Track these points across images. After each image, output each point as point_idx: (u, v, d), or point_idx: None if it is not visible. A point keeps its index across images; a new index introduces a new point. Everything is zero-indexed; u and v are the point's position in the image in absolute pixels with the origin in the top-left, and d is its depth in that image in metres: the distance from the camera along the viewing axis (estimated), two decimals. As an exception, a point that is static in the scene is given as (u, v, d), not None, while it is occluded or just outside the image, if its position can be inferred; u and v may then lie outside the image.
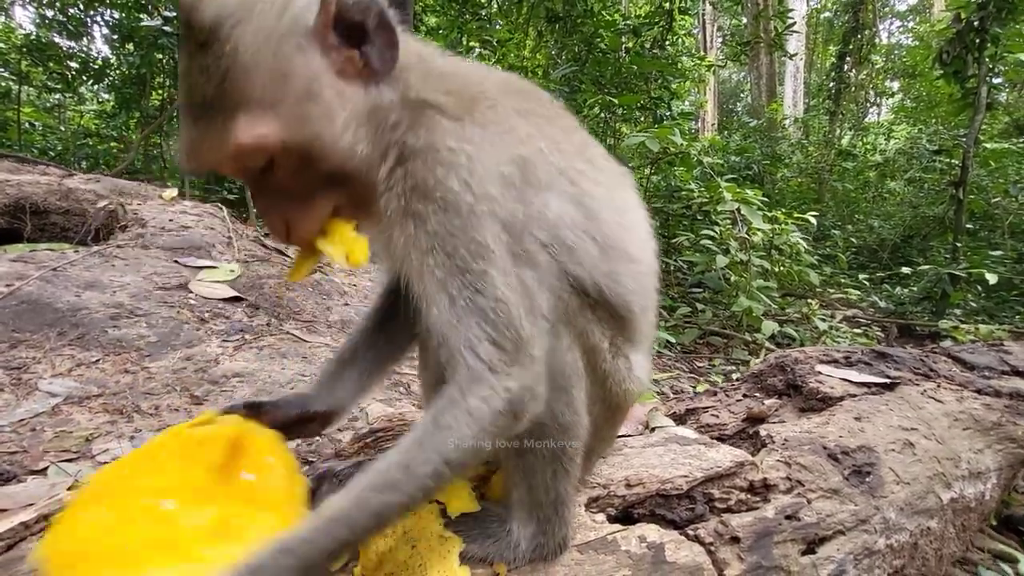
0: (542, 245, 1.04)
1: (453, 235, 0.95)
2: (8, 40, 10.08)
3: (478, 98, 1.08)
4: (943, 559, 1.82)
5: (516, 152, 1.05)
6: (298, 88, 0.93)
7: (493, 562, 1.11)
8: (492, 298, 0.95)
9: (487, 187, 0.98)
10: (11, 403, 2.13)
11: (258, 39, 0.91)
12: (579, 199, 1.11)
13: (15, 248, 3.36)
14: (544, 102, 1.25)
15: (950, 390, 2.28)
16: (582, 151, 1.20)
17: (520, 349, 0.96)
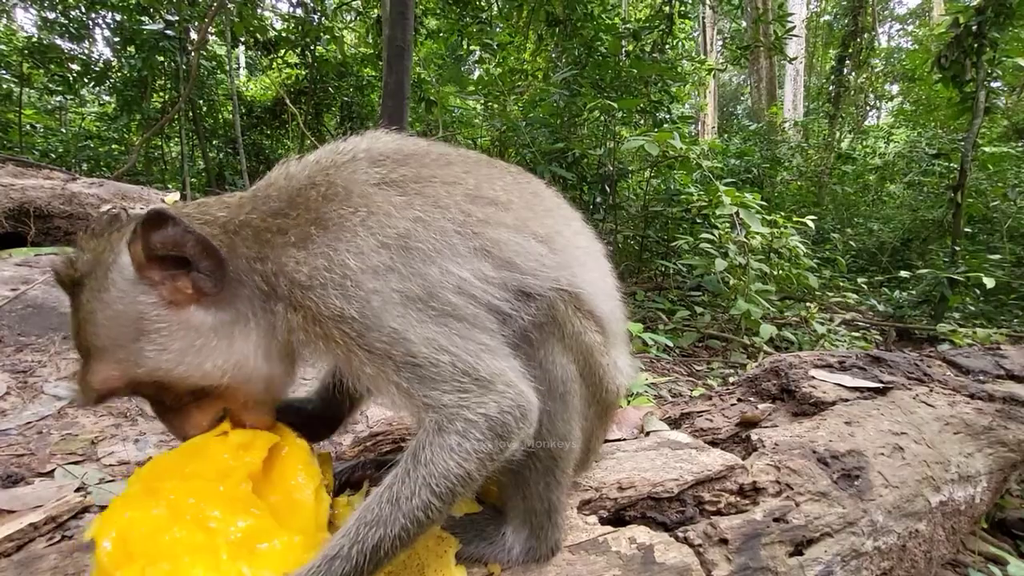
0: (456, 304, 1.04)
1: (362, 336, 0.99)
2: (10, 42, 10.14)
3: (326, 199, 1.08)
4: (932, 561, 1.85)
5: (385, 234, 1.04)
6: (126, 331, 1.01)
7: (488, 562, 1.15)
8: (429, 365, 0.98)
9: (366, 285, 1.00)
10: (17, 406, 2.17)
11: (94, 291, 1.01)
12: (485, 248, 1.10)
13: (20, 252, 3.41)
14: (423, 157, 1.21)
15: (943, 394, 2.31)
16: (477, 196, 1.16)
17: (485, 384, 1.00)
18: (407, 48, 6.03)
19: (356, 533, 0.94)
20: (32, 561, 1.12)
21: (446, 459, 0.96)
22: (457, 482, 0.97)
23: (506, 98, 10.15)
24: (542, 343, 1.11)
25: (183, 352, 1.02)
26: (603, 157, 8.28)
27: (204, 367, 1.03)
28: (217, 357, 1.04)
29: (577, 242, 1.28)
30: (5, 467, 1.81)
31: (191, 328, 1.03)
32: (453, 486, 0.96)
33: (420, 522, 0.95)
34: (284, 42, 10.32)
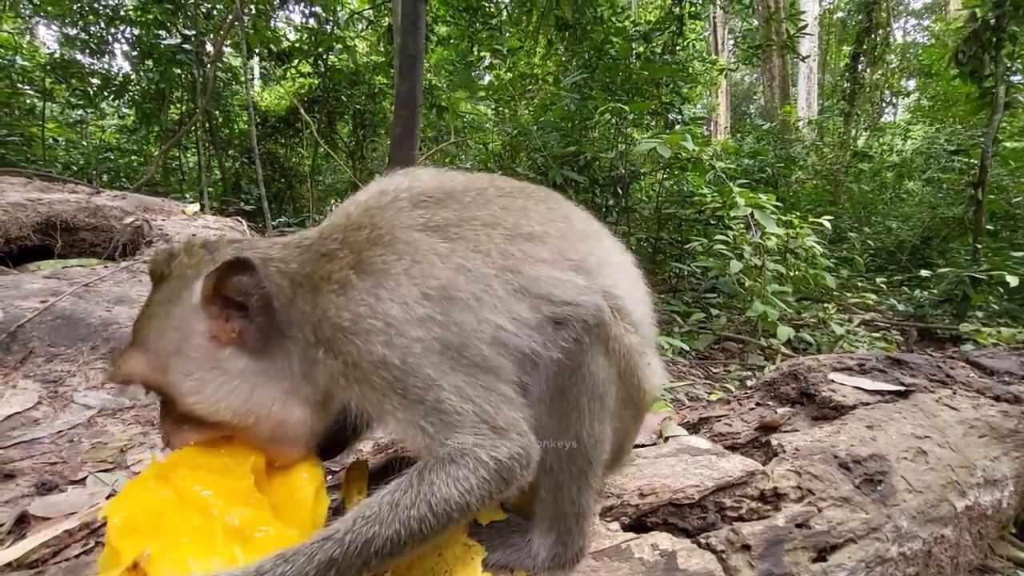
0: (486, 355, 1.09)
1: (399, 381, 1.04)
2: (33, 58, 10.41)
3: (369, 244, 1.14)
4: (959, 567, 1.83)
5: (429, 285, 1.09)
6: (171, 342, 1.10)
7: (514, 569, 1.17)
8: (454, 413, 1.04)
9: (408, 334, 1.05)
10: (49, 415, 2.24)
11: (168, 295, 1.12)
12: (524, 288, 1.14)
13: (48, 265, 3.51)
14: (461, 197, 1.25)
15: (966, 397, 2.27)
16: (515, 235, 1.20)
17: (500, 432, 1.06)
18: (419, 56, 6.09)
19: (352, 523, 0.98)
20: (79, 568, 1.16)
21: (450, 487, 1.01)
22: (455, 508, 1.01)
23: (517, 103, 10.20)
24: (591, 347, 1.15)
25: (203, 383, 1.09)
26: (615, 160, 8.27)
27: (217, 404, 1.09)
28: (233, 399, 1.10)
29: (610, 258, 1.34)
30: (39, 475, 1.87)
31: (220, 366, 1.10)
32: (451, 511, 1.01)
33: (413, 533, 0.99)
34: (297, 52, 10.48)
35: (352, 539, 0.96)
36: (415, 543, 1.01)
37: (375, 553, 0.97)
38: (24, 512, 1.61)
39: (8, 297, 2.87)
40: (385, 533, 0.97)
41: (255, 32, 9.45)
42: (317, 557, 0.94)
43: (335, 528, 0.98)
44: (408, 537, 0.99)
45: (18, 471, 1.88)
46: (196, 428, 1.14)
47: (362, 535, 0.97)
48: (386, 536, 0.97)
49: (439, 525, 1.01)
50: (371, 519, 0.98)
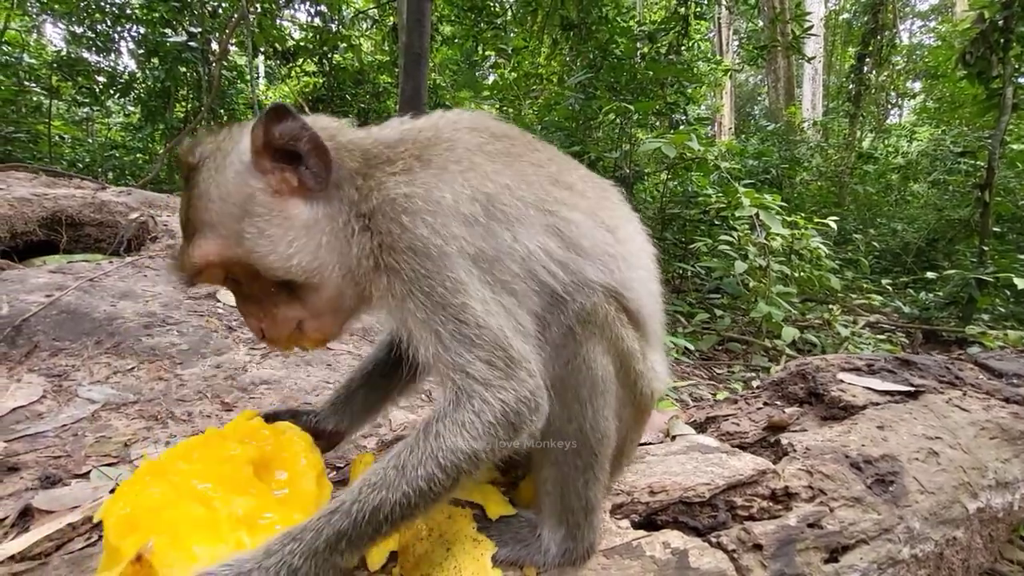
0: (515, 274, 1.10)
1: (428, 277, 1.03)
2: (40, 56, 10.45)
3: (430, 144, 1.17)
4: (970, 570, 1.81)
5: (477, 190, 1.11)
6: (234, 210, 1.08)
7: (523, 565, 1.15)
8: (475, 325, 1.02)
9: (451, 227, 1.05)
10: (53, 409, 2.23)
11: (211, 172, 1.09)
12: (555, 227, 1.17)
13: (53, 259, 3.51)
14: (515, 138, 1.30)
15: (976, 398, 2.25)
16: (557, 180, 1.25)
17: (512, 366, 1.02)
18: (424, 55, 6.08)
19: (359, 492, 0.96)
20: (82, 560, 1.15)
21: (456, 435, 0.98)
22: (463, 459, 0.98)
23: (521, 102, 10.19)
24: (586, 339, 1.14)
25: (277, 240, 1.08)
26: (619, 160, 8.25)
27: (292, 260, 1.08)
28: (306, 254, 1.09)
29: (636, 240, 1.35)
30: (43, 469, 1.86)
31: (288, 219, 1.09)
32: (459, 462, 0.98)
33: (423, 493, 0.96)
34: (302, 51, 10.49)
35: (360, 508, 0.94)
36: (426, 504, 0.99)
37: (385, 519, 0.95)
38: (28, 505, 1.61)
39: (13, 291, 2.86)
40: (393, 498, 0.95)
41: (260, 31, 9.47)
42: (325, 532, 0.93)
43: (341, 500, 0.96)
44: (418, 498, 0.97)
45: (22, 464, 1.88)
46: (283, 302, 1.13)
47: (369, 503, 0.95)
48: (395, 501, 0.95)
49: (449, 480, 0.98)
50: (377, 485, 0.96)
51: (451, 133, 1.20)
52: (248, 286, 1.14)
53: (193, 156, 1.12)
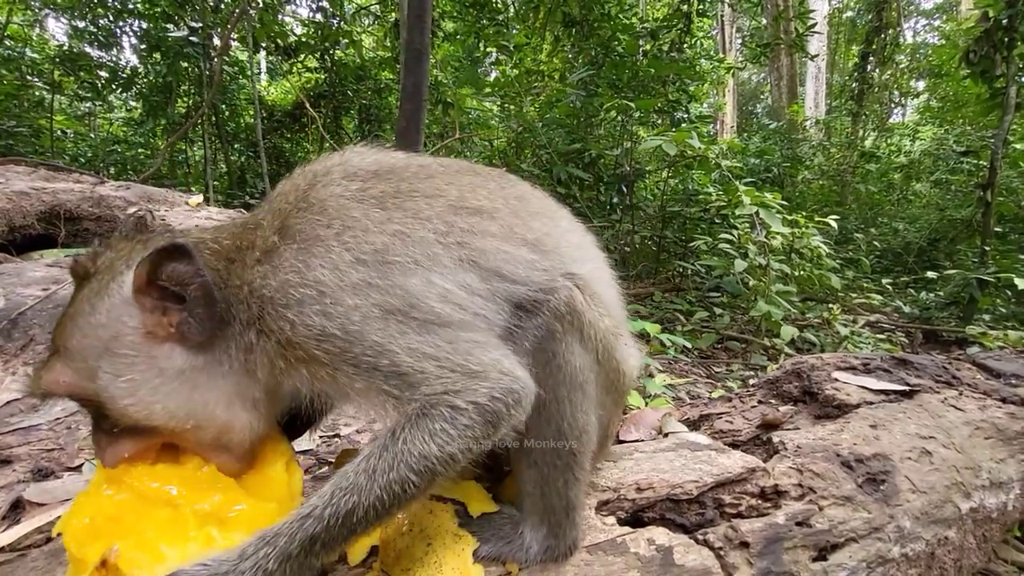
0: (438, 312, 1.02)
1: (346, 351, 0.97)
2: (42, 51, 10.46)
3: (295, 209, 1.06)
4: (963, 570, 1.80)
5: (362, 250, 1.02)
6: (96, 343, 0.98)
7: (505, 562, 1.15)
8: (416, 371, 0.98)
9: (345, 302, 0.98)
10: (47, 403, 2.23)
11: (92, 292, 1.00)
12: (471, 260, 1.09)
13: (51, 253, 3.51)
14: (400, 171, 1.19)
15: (973, 398, 2.24)
16: (460, 207, 1.15)
17: (476, 374, 0.99)
18: (425, 51, 6.07)
19: (331, 497, 0.94)
20: (61, 552, 1.15)
21: (427, 442, 0.95)
22: (438, 463, 0.96)
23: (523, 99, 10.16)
24: (564, 335, 1.11)
25: (138, 386, 0.99)
26: (620, 157, 8.23)
27: (154, 407, 1.00)
28: (171, 401, 1.01)
29: (568, 239, 1.28)
30: (35, 461, 1.86)
31: (157, 366, 1.00)
32: (433, 467, 0.96)
33: (396, 495, 0.95)
34: (304, 47, 10.48)
35: (332, 512, 0.93)
36: (400, 505, 0.97)
37: (358, 522, 0.94)
38: (19, 498, 1.61)
39: (10, 284, 2.87)
40: (366, 502, 0.94)
41: (262, 26, 9.47)
42: (298, 536, 0.92)
43: (313, 504, 0.95)
44: (392, 501, 0.95)
45: (15, 457, 1.88)
46: (132, 437, 1.03)
47: (341, 507, 0.93)
48: (368, 504, 0.94)
49: (423, 483, 0.96)
50: (349, 489, 0.94)
51: (320, 190, 1.09)
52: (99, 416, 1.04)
53: (89, 265, 1.03)
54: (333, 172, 1.15)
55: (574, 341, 1.12)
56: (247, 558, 0.91)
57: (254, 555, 0.91)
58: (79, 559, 0.91)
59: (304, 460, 2.08)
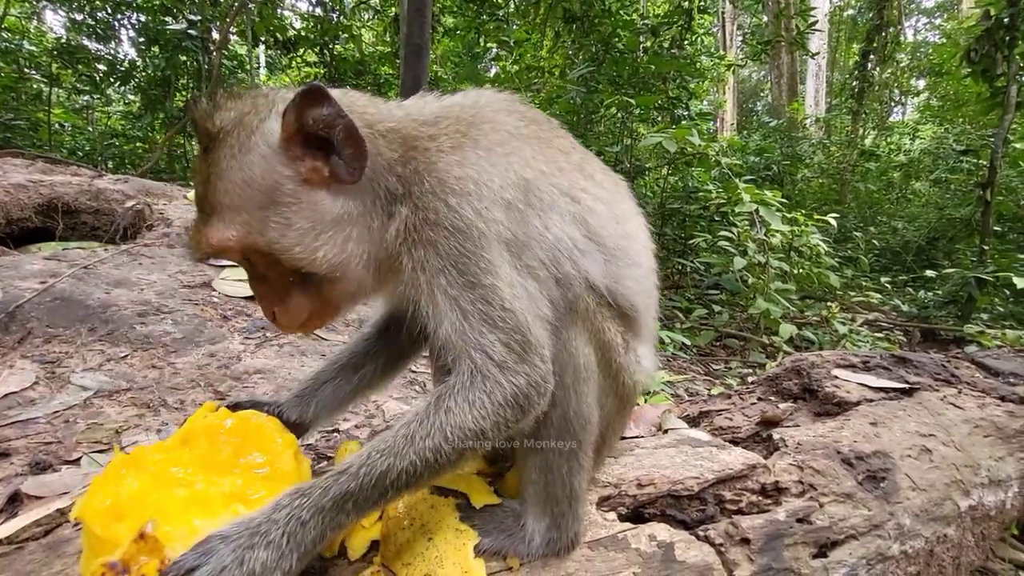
0: (541, 262, 1.12)
1: (465, 255, 1.04)
2: (40, 44, 10.40)
3: (475, 122, 1.17)
4: (961, 567, 1.80)
5: (519, 175, 1.13)
6: (259, 196, 1.03)
7: (507, 556, 1.15)
8: (500, 308, 1.03)
9: (494, 212, 1.07)
10: (46, 396, 2.22)
11: (234, 149, 1.03)
12: (582, 216, 1.20)
13: (48, 246, 3.50)
14: (542, 123, 1.32)
15: (972, 396, 2.24)
16: (582, 168, 1.29)
17: (528, 351, 1.04)
18: (424, 45, 6.04)
19: (368, 457, 0.98)
20: (59, 544, 1.15)
21: (466, 412, 1.00)
22: (470, 435, 1.00)
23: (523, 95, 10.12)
24: (570, 325, 1.15)
25: (304, 233, 1.04)
26: (620, 154, 8.22)
27: (318, 254, 1.05)
28: (332, 248, 1.07)
29: (640, 236, 1.38)
30: (33, 454, 1.86)
31: (317, 211, 1.05)
32: (465, 438, 1.00)
33: (428, 463, 0.98)
34: (303, 41, 10.42)
35: (367, 472, 0.96)
36: (431, 474, 1.01)
37: (391, 485, 0.97)
38: (17, 490, 1.60)
39: (8, 277, 2.85)
40: (400, 465, 0.97)
41: (261, 19, 9.41)
42: (333, 490, 0.94)
43: (350, 462, 0.98)
44: (424, 468, 0.98)
45: (13, 450, 1.87)
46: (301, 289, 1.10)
47: (377, 467, 0.96)
48: (401, 468, 0.97)
49: (454, 454, 1.00)
50: (386, 452, 0.98)
51: (492, 114, 1.20)
52: (264, 270, 1.11)
53: (212, 124, 1.05)
54: (499, 104, 1.27)
55: (579, 336, 1.15)
56: (282, 508, 0.93)
57: (288, 505, 0.93)
58: (102, 538, 0.91)
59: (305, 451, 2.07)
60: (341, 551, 1.10)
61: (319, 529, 0.93)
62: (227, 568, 0.85)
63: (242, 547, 0.88)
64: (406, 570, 1.05)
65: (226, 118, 1.05)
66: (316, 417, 1.43)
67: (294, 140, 1.03)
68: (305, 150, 1.04)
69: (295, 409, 1.41)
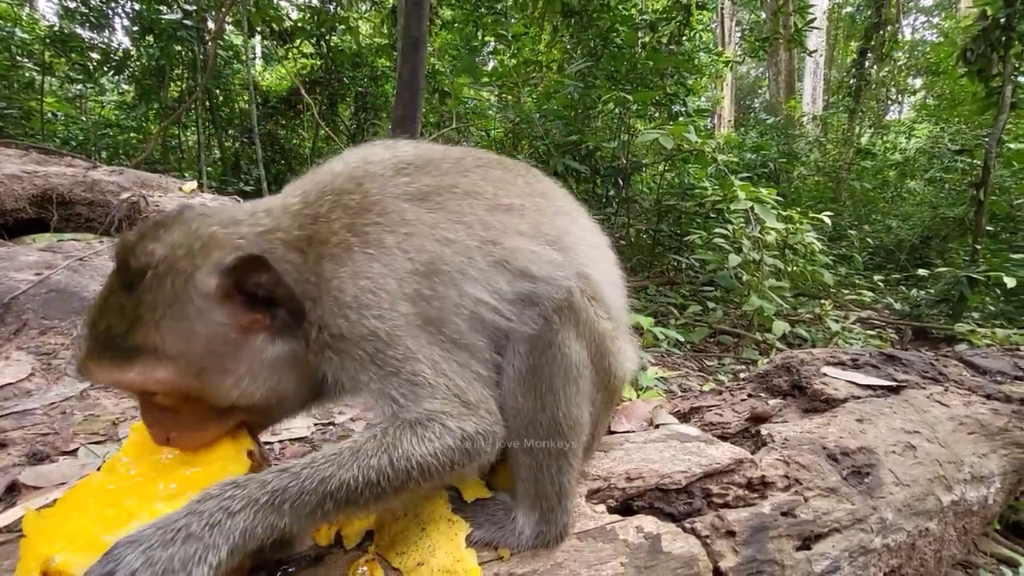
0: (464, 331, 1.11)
1: (379, 352, 1.05)
2: (32, 31, 10.27)
3: (361, 209, 1.13)
4: (943, 561, 1.84)
5: (419, 260, 1.10)
6: (196, 346, 1.01)
7: (498, 546, 1.18)
8: (428, 384, 1.05)
9: (399, 308, 1.07)
10: (42, 387, 2.24)
11: (166, 293, 0.99)
12: (503, 260, 1.16)
13: (43, 238, 3.49)
14: (440, 168, 1.26)
15: (958, 394, 2.28)
16: (496, 204, 1.23)
17: (470, 407, 1.07)
18: (422, 39, 6.02)
19: (311, 460, 0.97)
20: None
21: (415, 445, 1.01)
22: (415, 467, 1.00)
23: (520, 90, 10.11)
24: (561, 327, 1.15)
25: (241, 377, 1.05)
26: (617, 150, 8.23)
27: (256, 395, 1.06)
28: (268, 386, 1.08)
29: (585, 238, 1.34)
30: (31, 445, 1.87)
31: (256, 357, 1.06)
32: (411, 469, 1.00)
33: (370, 483, 0.98)
34: (300, 32, 10.35)
35: (308, 474, 0.95)
36: (372, 496, 0.99)
37: (329, 495, 0.95)
38: (15, 481, 1.62)
39: (3, 269, 2.85)
40: (342, 476, 0.96)
41: (257, 10, 9.34)
42: (271, 484, 0.92)
43: (293, 463, 0.97)
44: (364, 486, 0.97)
45: (9, 441, 1.89)
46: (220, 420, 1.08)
47: (319, 472, 0.95)
48: (342, 479, 0.96)
49: (397, 481, 1.00)
50: (331, 459, 0.97)
51: (378, 187, 1.17)
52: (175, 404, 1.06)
53: (136, 259, 1.00)
54: (385, 164, 1.23)
55: (571, 335, 1.16)
56: (210, 498, 0.90)
57: (218, 496, 0.90)
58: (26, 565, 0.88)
59: (299, 447, 2.10)
60: (337, 540, 1.12)
61: (250, 523, 0.89)
62: (136, 573, 0.80)
63: (153, 547, 0.83)
64: (400, 559, 1.08)
65: (154, 256, 1.00)
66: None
67: (234, 297, 1.03)
68: (245, 306, 1.04)
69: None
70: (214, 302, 1.01)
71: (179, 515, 0.88)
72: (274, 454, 2.04)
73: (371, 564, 1.08)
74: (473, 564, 1.09)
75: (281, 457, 2.02)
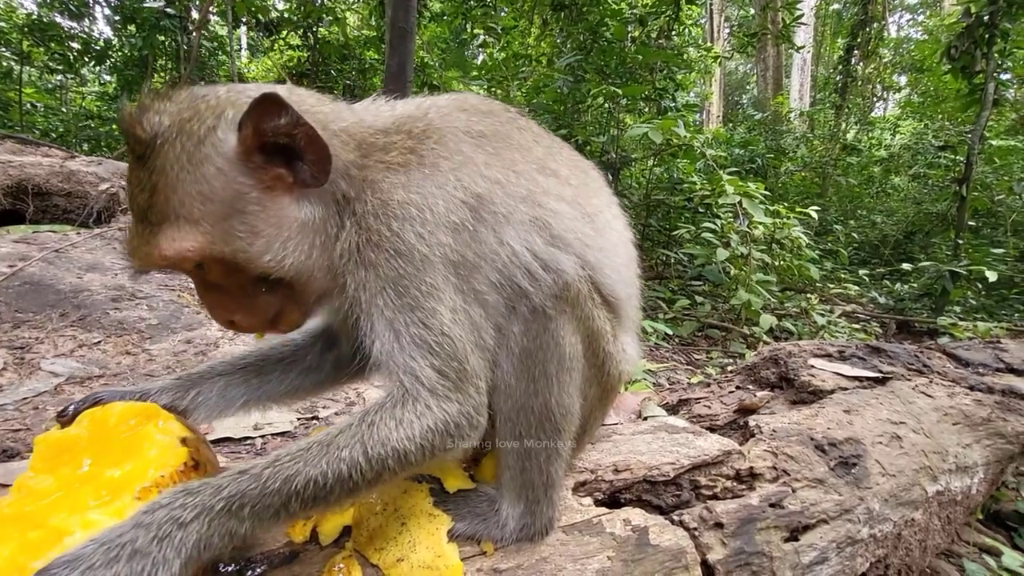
0: (492, 283, 1.09)
1: (405, 278, 1.01)
2: (10, 19, 10.02)
3: (424, 135, 1.12)
4: (927, 550, 1.86)
5: (470, 191, 1.09)
6: (220, 207, 0.97)
7: (481, 540, 1.15)
8: (439, 332, 1.01)
9: (439, 236, 1.04)
10: (14, 382, 2.17)
11: (180, 159, 0.96)
12: (544, 220, 1.15)
13: (18, 229, 3.39)
14: (500, 118, 1.26)
15: (942, 386, 2.30)
16: (545, 166, 1.23)
17: (464, 380, 1.02)
18: (410, 31, 5.95)
19: (275, 459, 0.91)
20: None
21: (392, 429, 0.96)
22: (391, 455, 0.95)
23: (510, 83, 10.06)
24: (558, 315, 1.13)
25: (271, 240, 1.01)
26: (606, 144, 8.22)
27: (286, 261, 1.02)
28: (299, 254, 1.04)
29: (614, 225, 1.34)
30: (1, 442, 1.81)
31: (283, 217, 1.02)
32: (387, 456, 0.94)
33: (340, 477, 0.92)
34: (286, 23, 10.20)
35: (271, 474, 0.87)
36: (343, 491, 0.93)
37: (295, 494, 0.88)
38: (-17, 478, 1.56)
39: (-26, 261, 2.77)
40: (309, 473, 0.89)
41: (242, 0, 9.17)
42: (227, 489, 0.84)
43: (255, 463, 0.90)
44: (335, 482, 0.91)
45: (-21, 437, 1.83)
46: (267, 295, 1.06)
47: (283, 471, 0.88)
48: (310, 476, 0.89)
49: (371, 472, 0.94)
50: (297, 456, 0.91)
51: (441, 122, 1.16)
52: (220, 279, 1.05)
53: (144, 130, 0.96)
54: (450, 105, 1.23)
55: (567, 322, 1.13)
56: (159, 508, 0.82)
57: (168, 505, 0.82)
58: None
59: (282, 441, 2.05)
60: (313, 536, 1.09)
61: (205, 533, 0.82)
62: None
63: (95, 567, 0.76)
64: (379, 555, 1.05)
65: (162, 124, 0.97)
66: (194, 408, 1.29)
67: (253, 151, 0.98)
68: (266, 159, 0.99)
69: (167, 394, 1.26)
70: (234, 160, 0.98)
71: (124, 528, 0.81)
72: (255, 449, 2.00)
73: (348, 561, 1.04)
74: (455, 559, 1.06)
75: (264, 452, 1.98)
